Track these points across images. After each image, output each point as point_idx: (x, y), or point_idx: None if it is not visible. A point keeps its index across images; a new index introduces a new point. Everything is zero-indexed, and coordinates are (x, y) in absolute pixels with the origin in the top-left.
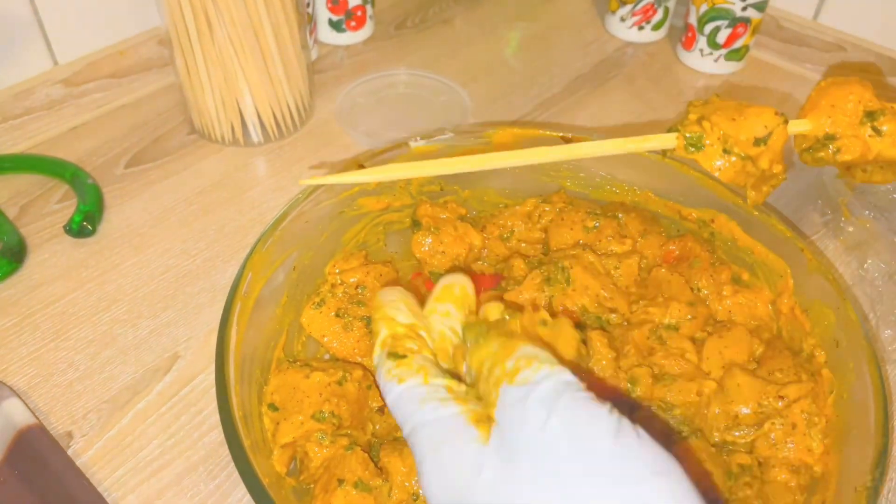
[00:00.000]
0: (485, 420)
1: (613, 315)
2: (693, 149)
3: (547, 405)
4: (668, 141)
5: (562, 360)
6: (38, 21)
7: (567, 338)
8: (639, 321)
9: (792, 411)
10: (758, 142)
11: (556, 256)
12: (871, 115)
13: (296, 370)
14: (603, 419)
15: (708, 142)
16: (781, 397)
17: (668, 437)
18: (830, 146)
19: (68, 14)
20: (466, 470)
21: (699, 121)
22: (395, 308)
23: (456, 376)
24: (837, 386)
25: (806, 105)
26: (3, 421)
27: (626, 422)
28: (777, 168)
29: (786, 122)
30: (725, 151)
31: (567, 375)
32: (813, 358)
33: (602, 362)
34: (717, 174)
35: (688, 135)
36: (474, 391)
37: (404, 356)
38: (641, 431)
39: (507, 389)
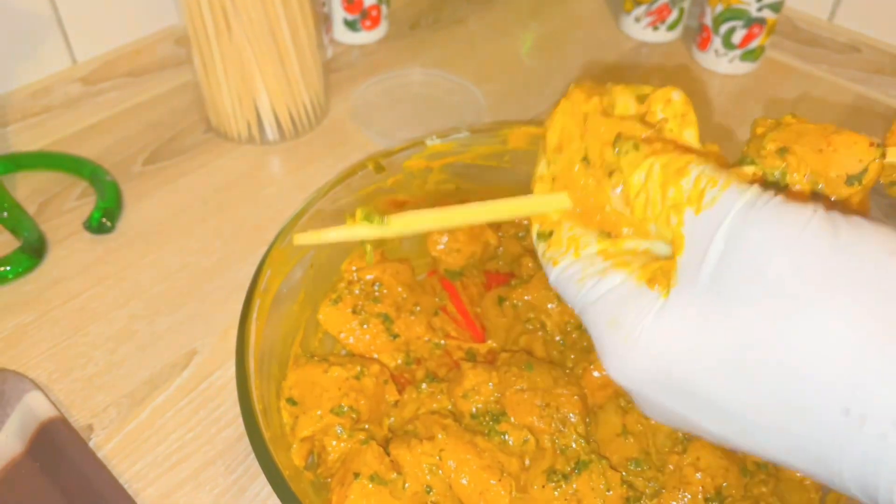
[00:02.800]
0: (658, 276)
1: None
2: (773, 189)
3: (748, 220)
4: (560, 201)
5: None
6: (57, 20)
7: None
8: None
9: None
10: (850, 180)
11: None
12: None
13: (314, 365)
14: (809, 219)
15: (792, 179)
16: None
17: None
18: None
19: (87, 13)
20: (656, 337)
21: (780, 152)
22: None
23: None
24: None
25: (895, 130)
26: (26, 413)
27: (837, 214)
28: (863, 209)
29: (883, 155)
30: (815, 194)
31: (756, 188)
32: None
33: None
34: None
35: (772, 174)
36: (633, 239)
37: (550, 233)
38: (858, 218)
39: (693, 220)
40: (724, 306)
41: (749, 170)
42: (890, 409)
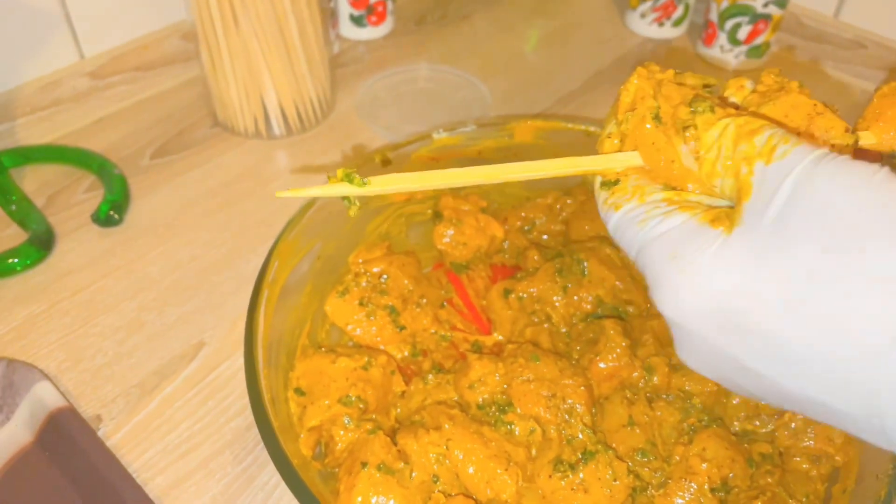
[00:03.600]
0: (722, 217)
1: (630, 307)
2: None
3: (814, 172)
4: (633, 159)
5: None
6: (65, 15)
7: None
8: (657, 315)
9: None
10: None
11: (572, 248)
12: None
13: (322, 356)
14: (875, 170)
15: None
16: None
17: None
18: None
19: (95, 8)
20: (716, 269)
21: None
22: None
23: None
24: None
25: (867, 115)
26: (35, 403)
27: None
28: None
29: (856, 142)
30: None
31: (826, 149)
32: None
33: (616, 350)
34: None
35: None
36: (702, 188)
37: (616, 181)
38: None
39: (763, 169)
40: (786, 243)
41: (630, 154)
42: None
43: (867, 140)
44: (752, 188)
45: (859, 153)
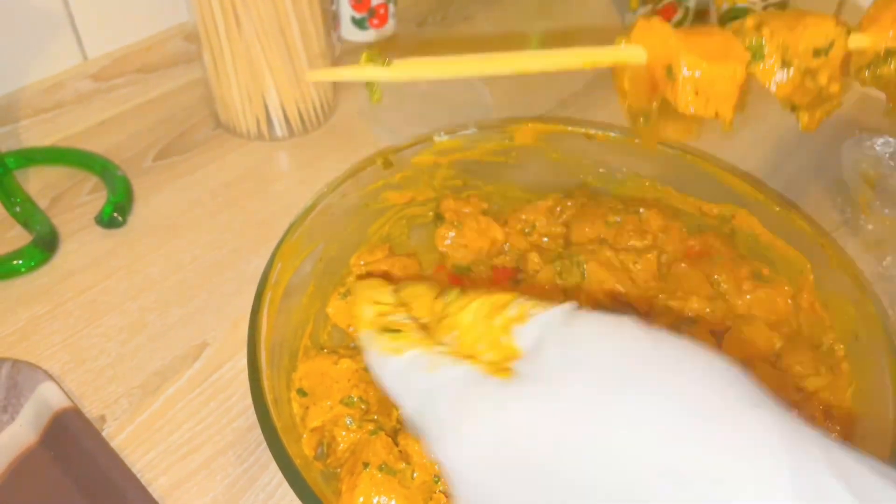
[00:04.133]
0: (503, 370)
1: (630, 310)
2: (754, 58)
3: (569, 322)
4: (635, 52)
5: None
6: (69, 16)
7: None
8: (658, 315)
9: (810, 403)
10: (818, 53)
11: (573, 251)
12: None
13: (324, 357)
14: (622, 319)
15: (767, 51)
16: (800, 389)
17: None
18: (893, 62)
19: (98, 10)
20: (497, 416)
21: (758, 27)
22: (376, 290)
23: None
24: (856, 379)
25: (864, 19)
26: (40, 403)
27: (652, 328)
28: (834, 87)
29: (848, 32)
30: (784, 63)
31: (573, 304)
32: (832, 351)
33: None
34: (773, 89)
35: (749, 42)
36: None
37: (399, 330)
38: (667, 333)
39: (520, 329)
40: (555, 392)
41: (727, 33)
42: (704, 468)
43: (862, 41)
44: (517, 351)
45: None
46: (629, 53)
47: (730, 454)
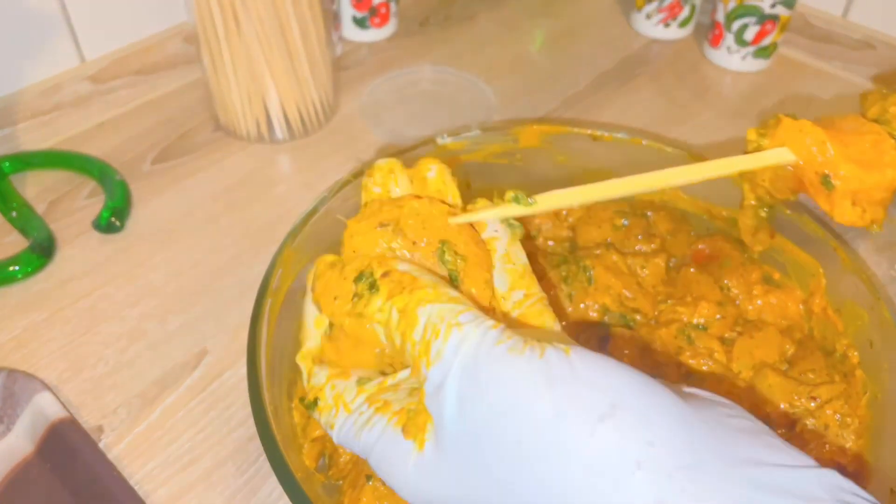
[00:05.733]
0: (412, 421)
1: (637, 315)
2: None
3: (463, 385)
4: (783, 156)
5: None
6: (66, 18)
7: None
8: (666, 320)
9: (824, 412)
10: None
11: (578, 255)
12: None
13: None
14: (528, 374)
15: None
16: (814, 398)
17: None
18: None
19: (96, 11)
20: (415, 486)
21: None
22: (305, 338)
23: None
24: (871, 386)
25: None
26: (36, 414)
27: (553, 358)
28: None
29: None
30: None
31: (475, 333)
32: (846, 358)
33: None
34: None
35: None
36: (392, 376)
37: (315, 400)
38: (579, 360)
39: (427, 374)
40: (462, 466)
41: (877, 128)
42: None
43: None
44: (424, 395)
45: None
46: (777, 157)
47: None
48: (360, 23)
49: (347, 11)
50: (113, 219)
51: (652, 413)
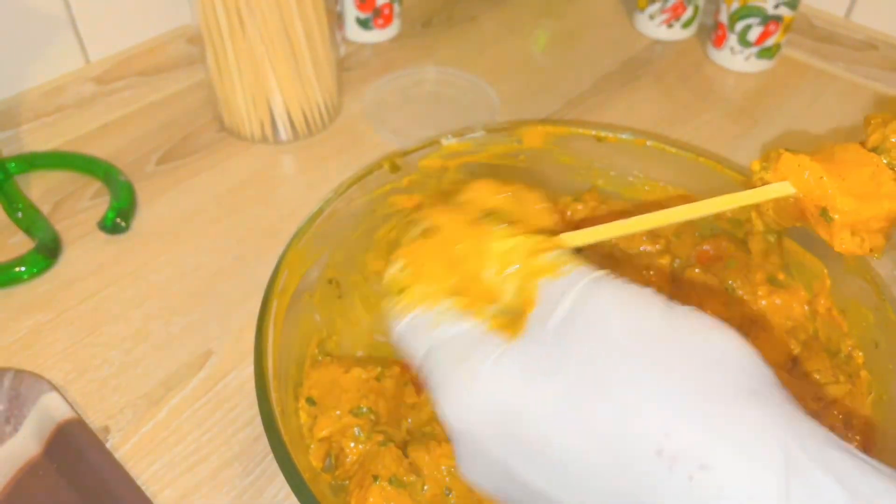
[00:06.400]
0: (507, 326)
1: None
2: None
3: (593, 288)
4: (785, 189)
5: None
6: (70, 19)
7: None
8: None
9: (829, 412)
10: None
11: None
12: None
13: (336, 365)
14: (649, 293)
15: None
16: (819, 399)
17: None
18: None
19: (100, 12)
20: (495, 377)
21: None
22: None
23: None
24: (876, 387)
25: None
26: (43, 414)
27: (674, 302)
28: None
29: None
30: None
31: (605, 271)
32: (851, 359)
33: None
34: None
35: (892, 162)
36: (490, 300)
37: (405, 287)
38: (692, 309)
39: (548, 283)
40: (562, 355)
41: (875, 159)
42: (696, 452)
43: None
44: (535, 301)
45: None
46: (778, 190)
47: (725, 444)
48: (363, 24)
49: (351, 12)
50: (118, 219)
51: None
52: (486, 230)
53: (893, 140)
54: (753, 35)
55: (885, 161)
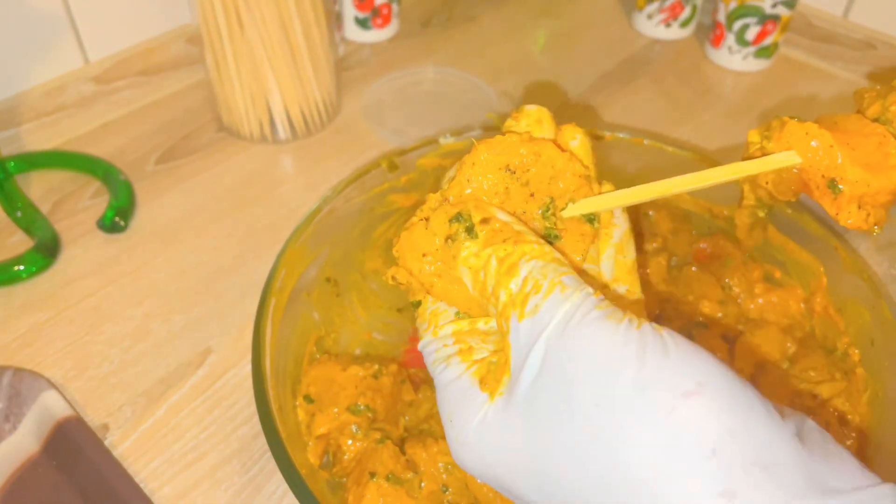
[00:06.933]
0: (492, 373)
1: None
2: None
3: (565, 343)
4: (791, 159)
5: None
6: (70, 19)
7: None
8: (668, 319)
9: (825, 410)
10: None
11: None
12: None
13: (333, 363)
14: (621, 343)
15: None
16: (815, 396)
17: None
18: None
19: (100, 12)
20: (480, 442)
21: None
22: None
23: None
24: (872, 384)
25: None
26: (42, 412)
27: (648, 334)
28: None
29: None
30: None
31: (577, 295)
32: (847, 357)
33: None
34: None
35: None
36: (488, 319)
37: (419, 303)
38: (669, 340)
39: (517, 327)
40: (537, 424)
41: (880, 129)
42: None
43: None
44: (510, 348)
45: None
46: (783, 160)
47: None
48: (362, 23)
49: (350, 12)
50: (117, 218)
51: (737, 403)
52: (457, 244)
53: (894, 110)
54: (751, 34)
55: (889, 131)
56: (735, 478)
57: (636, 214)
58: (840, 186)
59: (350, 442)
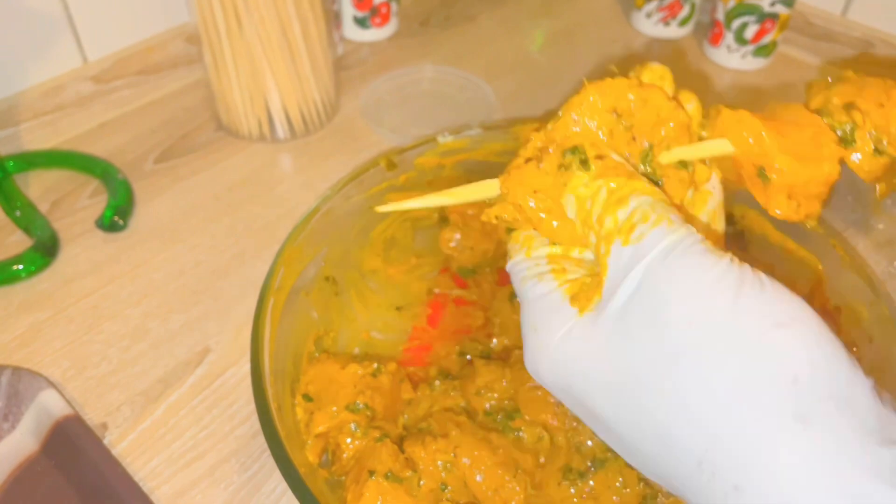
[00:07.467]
0: (584, 292)
1: None
2: (844, 145)
3: (667, 262)
4: (722, 147)
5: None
6: (68, 18)
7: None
8: None
9: None
10: None
11: None
12: None
13: (332, 361)
14: (720, 274)
15: (860, 135)
16: None
17: None
18: None
19: (98, 11)
20: (563, 352)
21: (847, 108)
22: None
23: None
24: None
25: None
26: (41, 411)
27: (748, 271)
28: None
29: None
30: (877, 151)
31: (683, 230)
32: None
33: None
34: (863, 176)
35: (842, 128)
36: (581, 248)
37: (513, 229)
38: (766, 280)
39: (619, 251)
40: (625, 339)
41: (817, 120)
42: (731, 475)
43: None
44: (607, 269)
45: None
46: (715, 148)
47: (760, 472)
48: (361, 22)
49: (348, 11)
50: (116, 218)
51: (825, 343)
52: (569, 172)
53: (835, 102)
54: (750, 33)
55: (826, 122)
56: (811, 406)
57: None
58: (768, 175)
59: (349, 440)
